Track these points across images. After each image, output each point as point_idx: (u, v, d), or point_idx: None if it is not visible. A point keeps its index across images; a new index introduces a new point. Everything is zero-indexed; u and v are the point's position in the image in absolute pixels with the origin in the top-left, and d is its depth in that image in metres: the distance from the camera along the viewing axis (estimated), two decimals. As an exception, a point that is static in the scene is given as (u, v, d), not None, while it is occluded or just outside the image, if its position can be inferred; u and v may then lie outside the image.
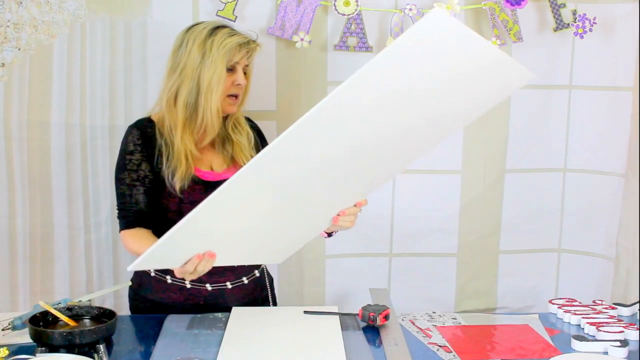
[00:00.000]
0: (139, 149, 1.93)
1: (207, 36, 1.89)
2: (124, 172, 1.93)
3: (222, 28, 1.91)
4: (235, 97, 1.95)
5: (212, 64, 1.87)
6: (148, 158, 1.93)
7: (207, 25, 1.92)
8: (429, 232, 2.62)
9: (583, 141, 2.62)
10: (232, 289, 2.00)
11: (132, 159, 1.93)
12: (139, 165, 1.92)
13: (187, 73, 1.89)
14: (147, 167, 1.92)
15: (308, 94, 2.48)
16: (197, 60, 1.88)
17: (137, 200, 1.91)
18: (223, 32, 1.90)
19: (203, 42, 1.88)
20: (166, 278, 1.97)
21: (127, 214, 1.92)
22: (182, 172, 1.89)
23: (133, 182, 1.91)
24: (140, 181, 1.91)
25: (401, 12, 2.42)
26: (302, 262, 2.59)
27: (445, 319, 1.92)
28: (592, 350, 1.70)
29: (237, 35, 1.91)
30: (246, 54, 1.92)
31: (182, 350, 1.64)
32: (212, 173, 1.96)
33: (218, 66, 1.87)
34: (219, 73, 1.88)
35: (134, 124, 1.97)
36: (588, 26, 2.46)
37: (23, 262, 2.37)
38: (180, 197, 1.89)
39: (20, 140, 2.32)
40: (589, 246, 2.68)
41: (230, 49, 1.88)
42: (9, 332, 1.72)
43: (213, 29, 1.90)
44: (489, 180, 2.61)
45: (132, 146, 1.93)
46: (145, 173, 1.92)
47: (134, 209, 1.91)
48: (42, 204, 2.36)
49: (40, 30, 2.27)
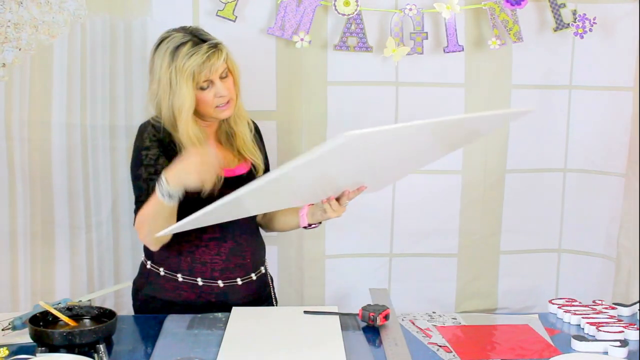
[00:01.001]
0: (156, 145, 1.92)
1: (169, 62, 1.88)
2: (140, 169, 1.91)
3: (182, 47, 1.87)
4: (224, 104, 1.93)
5: (179, 92, 1.87)
6: (165, 154, 1.92)
7: (171, 43, 1.89)
8: (429, 232, 2.62)
9: (583, 141, 2.61)
10: (242, 285, 2.01)
11: (149, 154, 1.91)
12: (156, 160, 1.91)
13: (162, 98, 1.90)
14: (164, 162, 1.90)
15: (308, 94, 2.48)
16: (166, 89, 1.89)
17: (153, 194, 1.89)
18: (183, 53, 1.87)
19: (167, 69, 1.88)
20: (177, 276, 1.98)
21: (141, 206, 1.88)
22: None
23: (150, 175, 1.89)
24: (158, 175, 1.89)
25: (401, 12, 2.42)
26: (302, 262, 2.59)
27: (446, 319, 1.92)
28: (592, 350, 1.71)
29: (196, 53, 1.86)
30: (211, 68, 1.88)
31: (182, 350, 1.64)
32: (226, 169, 1.96)
33: (185, 93, 1.86)
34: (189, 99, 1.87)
35: (147, 123, 1.97)
36: (588, 26, 2.46)
37: (24, 262, 2.37)
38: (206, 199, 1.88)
39: (21, 140, 2.32)
40: (589, 246, 2.68)
41: (191, 73, 1.86)
42: (9, 332, 1.72)
43: (174, 50, 1.88)
44: (489, 181, 2.61)
45: (149, 142, 1.92)
46: (164, 167, 1.90)
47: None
48: (43, 204, 2.36)
49: (40, 30, 2.27)
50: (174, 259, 1.97)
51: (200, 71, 1.87)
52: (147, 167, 1.90)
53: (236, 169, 2.00)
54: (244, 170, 2.02)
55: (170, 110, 1.90)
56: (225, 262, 1.97)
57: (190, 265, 1.97)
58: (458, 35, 2.44)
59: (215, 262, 1.97)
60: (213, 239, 1.97)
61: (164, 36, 1.93)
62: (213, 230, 1.93)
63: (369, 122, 2.48)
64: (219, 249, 1.97)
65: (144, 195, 1.88)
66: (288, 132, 2.50)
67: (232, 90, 1.95)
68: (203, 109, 1.93)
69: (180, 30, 1.93)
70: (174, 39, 1.90)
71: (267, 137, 2.37)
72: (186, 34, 1.91)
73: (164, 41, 1.92)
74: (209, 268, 1.97)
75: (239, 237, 2.00)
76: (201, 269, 1.97)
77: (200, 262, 1.97)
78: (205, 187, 1.78)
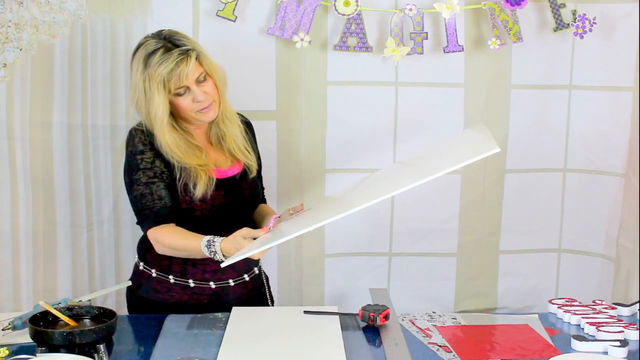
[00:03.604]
0: (149, 148, 1.92)
1: (143, 70, 1.88)
2: (137, 173, 1.91)
3: (153, 55, 1.87)
4: (205, 108, 1.93)
5: (153, 99, 1.87)
6: (159, 156, 1.92)
7: (143, 51, 1.89)
8: (429, 232, 2.63)
9: (583, 141, 2.61)
10: (234, 286, 2.01)
11: (144, 158, 1.91)
12: (152, 162, 1.91)
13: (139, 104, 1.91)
14: (161, 164, 1.91)
15: (308, 94, 2.48)
16: (142, 96, 1.90)
17: (160, 196, 1.89)
18: (154, 61, 1.86)
19: (141, 76, 1.88)
20: (169, 278, 1.98)
21: (151, 211, 1.89)
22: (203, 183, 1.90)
23: (150, 179, 1.89)
24: (158, 177, 1.89)
25: (401, 12, 2.42)
26: (301, 261, 2.59)
27: (445, 318, 1.92)
28: (592, 350, 1.71)
29: (165, 62, 1.86)
30: (181, 75, 1.86)
31: (182, 350, 1.64)
32: (219, 170, 1.97)
33: (158, 101, 1.87)
34: (162, 107, 1.87)
35: (136, 127, 1.97)
36: (588, 26, 2.46)
37: (26, 261, 2.38)
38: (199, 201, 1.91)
39: (22, 140, 2.32)
40: (589, 246, 2.68)
41: (161, 81, 1.86)
42: (9, 332, 1.73)
43: (147, 57, 1.88)
44: (489, 180, 2.61)
45: (142, 146, 1.92)
46: (162, 169, 1.91)
47: (158, 206, 1.89)
48: (44, 203, 2.37)
49: (41, 30, 2.27)
50: (166, 261, 1.97)
51: (169, 78, 1.86)
52: (145, 170, 1.91)
53: (228, 170, 2.00)
54: (237, 171, 2.02)
55: (148, 117, 1.91)
56: (217, 263, 1.97)
57: (182, 267, 1.97)
58: (458, 35, 2.44)
59: (207, 264, 1.96)
60: None
61: (140, 42, 1.94)
62: (203, 232, 1.93)
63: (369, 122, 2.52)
64: None
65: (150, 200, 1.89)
66: (288, 132, 2.50)
67: (213, 93, 1.93)
68: (184, 113, 1.93)
69: (155, 36, 1.92)
70: (147, 45, 1.90)
71: (267, 137, 2.38)
72: (159, 40, 1.90)
73: (140, 47, 1.92)
74: (201, 270, 1.97)
75: None
76: (192, 271, 1.97)
77: (191, 264, 1.97)
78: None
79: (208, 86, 1.92)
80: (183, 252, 1.90)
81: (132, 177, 1.92)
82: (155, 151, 1.92)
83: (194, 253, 1.85)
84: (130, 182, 1.93)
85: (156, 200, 1.89)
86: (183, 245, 1.87)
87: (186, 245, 1.86)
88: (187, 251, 1.87)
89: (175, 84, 1.87)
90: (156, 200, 1.89)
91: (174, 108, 1.92)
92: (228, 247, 1.77)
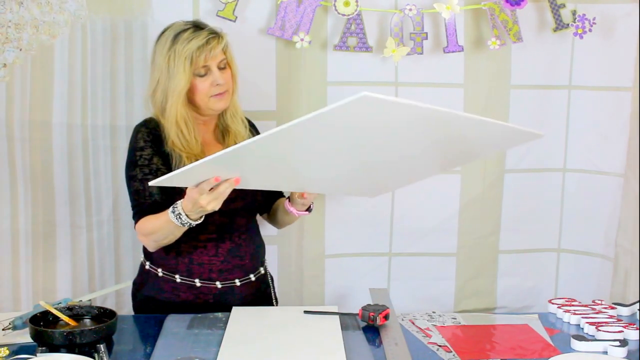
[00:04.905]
0: (150, 145, 1.93)
1: (169, 47, 1.91)
2: (135, 169, 1.92)
3: (183, 33, 1.91)
4: (220, 94, 1.95)
5: (176, 75, 1.89)
6: (159, 154, 1.93)
7: (172, 31, 1.93)
8: (429, 232, 2.63)
9: (583, 141, 2.61)
10: (240, 286, 2.01)
11: (143, 155, 1.93)
12: (150, 159, 1.92)
13: (158, 83, 1.93)
14: (158, 161, 1.92)
15: (308, 94, 2.48)
16: (164, 73, 1.91)
17: (151, 193, 1.91)
18: (183, 38, 1.90)
19: (166, 53, 1.91)
20: (175, 277, 1.98)
21: (141, 208, 1.91)
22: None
23: (145, 176, 1.91)
24: (153, 174, 1.90)
25: (401, 12, 2.42)
26: (301, 261, 2.59)
27: (445, 318, 1.92)
28: (592, 350, 1.71)
29: (196, 38, 1.90)
30: (210, 53, 1.90)
31: (182, 350, 1.64)
32: None
33: (182, 76, 1.89)
34: (184, 80, 1.89)
35: (141, 123, 1.98)
36: (588, 26, 2.46)
37: (25, 261, 2.38)
38: None
39: (22, 140, 2.32)
40: (589, 246, 2.68)
41: (188, 56, 1.88)
42: (10, 332, 1.73)
43: (175, 36, 1.91)
44: (488, 180, 2.62)
45: (143, 142, 1.93)
46: (158, 167, 1.92)
47: (149, 202, 1.90)
48: (44, 203, 2.37)
49: (41, 30, 2.28)
50: (172, 260, 1.98)
51: (199, 55, 1.89)
52: (142, 167, 1.92)
53: None
54: None
55: (164, 94, 1.92)
56: (223, 263, 1.98)
57: (188, 266, 1.97)
58: (458, 36, 2.45)
59: (213, 263, 1.97)
60: (210, 239, 1.97)
61: (166, 27, 1.98)
62: (210, 231, 1.94)
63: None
64: (217, 250, 1.98)
65: (142, 196, 1.90)
66: (288, 132, 2.50)
67: (229, 82, 1.97)
68: (198, 97, 1.94)
69: (182, 21, 1.97)
70: (175, 26, 1.95)
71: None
72: (188, 23, 1.96)
73: (166, 30, 1.96)
74: (207, 269, 1.97)
75: (237, 238, 2.00)
76: (199, 270, 1.97)
77: (197, 263, 1.97)
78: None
79: (226, 74, 1.96)
80: (160, 233, 1.86)
81: (130, 174, 1.94)
82: (155, 148, 1.92)
83: (167, 227, 1.83)
84: (128, 178, 1.95)
85: (147, 197, 1.91)
86: (158, 224, 1.85)
87: (160, 222, 1.84)
88: (162, 230, 1.85)
89: (203, 60, 1.90)
90: (147, 197, 1.91)
91: (191, 91, 1.93)
92: (185, 203, 1.76)
